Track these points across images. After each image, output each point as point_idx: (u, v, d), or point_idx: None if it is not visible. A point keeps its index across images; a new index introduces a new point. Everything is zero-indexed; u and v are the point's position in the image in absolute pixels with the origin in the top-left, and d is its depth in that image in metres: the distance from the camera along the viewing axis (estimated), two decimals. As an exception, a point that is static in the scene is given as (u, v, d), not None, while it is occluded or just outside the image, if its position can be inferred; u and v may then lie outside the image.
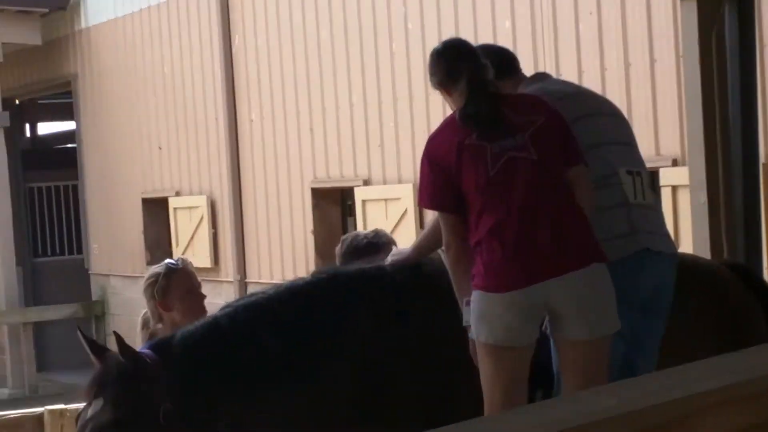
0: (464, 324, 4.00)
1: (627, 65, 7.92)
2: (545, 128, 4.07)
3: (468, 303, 3.95)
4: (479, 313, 3.92)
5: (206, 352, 4.14)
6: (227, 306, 4.44)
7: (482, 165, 3.97)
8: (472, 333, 3.93)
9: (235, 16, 11.43)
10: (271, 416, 4.26)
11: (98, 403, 4.01)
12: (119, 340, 3.98)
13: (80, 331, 4.31)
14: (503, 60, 4.53)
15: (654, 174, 6.67)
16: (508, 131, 4.03)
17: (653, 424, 1.17)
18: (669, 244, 4.47)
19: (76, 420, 4.20)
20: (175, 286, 4.84)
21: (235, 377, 4.18)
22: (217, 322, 4.25)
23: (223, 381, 4.16)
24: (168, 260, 5.24)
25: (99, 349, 4.10)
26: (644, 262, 4.32)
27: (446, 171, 4.06)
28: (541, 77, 4.68)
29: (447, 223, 4.12)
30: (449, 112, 9.02)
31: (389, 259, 4.52)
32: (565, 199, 4.10)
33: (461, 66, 4.08)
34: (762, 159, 6.67)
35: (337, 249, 5.17)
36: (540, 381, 3.75)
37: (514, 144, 4.03)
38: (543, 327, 3.99)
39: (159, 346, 4.17)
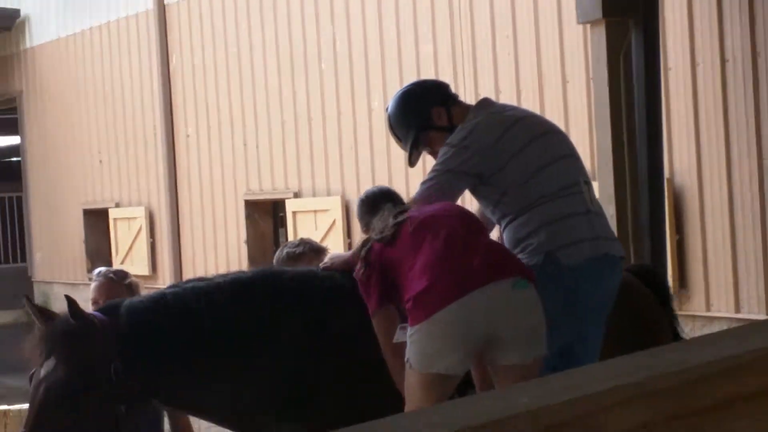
0: (395, 341, 4.07)
1: (541, 86, 8.10)
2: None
3: (403, 328, 3.96)
4: (416, 340, 3.92)
5: (150, 319, 4.27)
6: (175, 285, 4.64)
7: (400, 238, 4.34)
8: (408, 349, 3.95)
9: (172, 36, 11.60)
10: (200, 395, 4.40)
11: (50, 363, 4.09)
12: (70, 302, 4.09)
13: (27, 298, 4.50)
14: (445, 92, 4.73)
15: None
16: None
17: (559, 420, 1.18)
18: (620, 248, 4.62)
19: (30, 380, 4.27)
20: (112, 290, 5.09)
21: (173, 347, 4.28)
22: (163, 295, 4.40)
23: (162, 349, 4.27)
24: (105, 268, 5.56)
25: (47, 314, 4.17)
26: (605, 266, 4.44)
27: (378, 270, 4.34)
28: (486, 104, 4.79)
29: (383, 319, 4.23)
30: (376, 129, 9.28)
31: (327, 260, 4.75)
32: (484, 232, 4.39)
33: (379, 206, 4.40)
34: (666, 174, 6.94)
35: (277, 255, 5.38)
36: None
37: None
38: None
39: (107, 310, 4.29)
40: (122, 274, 5.52)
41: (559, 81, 8.02)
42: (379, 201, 4.45)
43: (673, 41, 7.35)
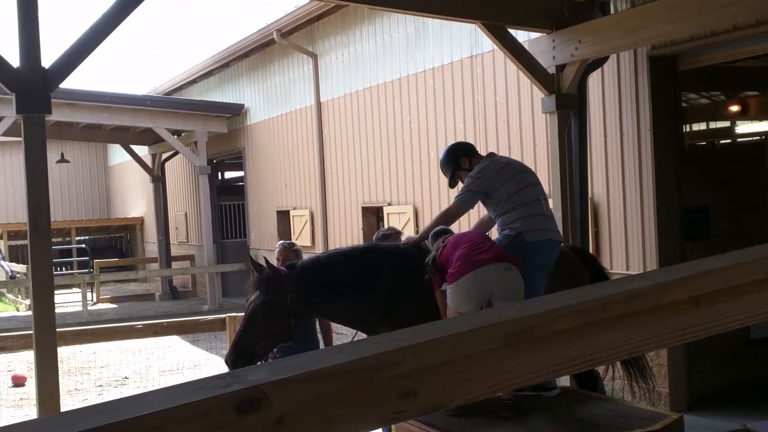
0: (442, 288, 4.89)
1: (522, 146, 9.26)
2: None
3: (446, 286, 4.82)
4: (450, 293, 4.75)
5: (311, 271, 5.05)
6: (325, 252, 5.38)
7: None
8: (447, 298, 4.76)
9: (325, 119, 14.14)
10: (337, 311, 5.29)
11: (256, 294, 4.94)
12: (267, 262, 4.97)
13: (251, 258, 5.54)
14: (470, 149, 5.74)
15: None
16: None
17: (522, 326, 1.28)
18: (560, 236, 5.55)
19: (246, 302, 5.08)
20: (290, 255, 6.15)
21: (324, 286, 5.04)
22: (318, 258, 5.19)
23: (318, 287, 5.01)
24: (286, 241, 6.60)
25: (259, 267, 4.97)
26: (551, 245, 5.37)
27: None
28: (490, 155, 5.68)
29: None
30: (433, 168, 10.38)
31: (404, 239, 5.84)
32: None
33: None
34: (589, 194, 7.98)
35: (375, 234, 6.37)
36: None
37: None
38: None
39: (289, 266, 5.08)
40: (292, 245, 6.42)
41: (531, 143, 9.15)
42: (438, 234, 5.26)
43: (594, 123, 8.19)
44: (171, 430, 1.04)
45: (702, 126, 10.01)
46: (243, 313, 5.13)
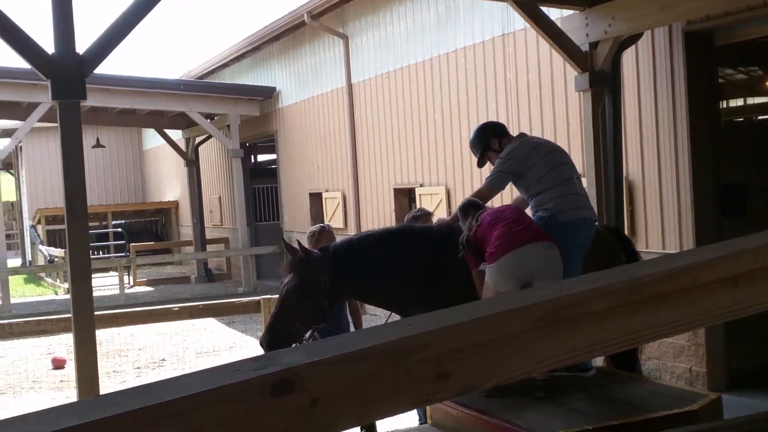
0: (480, 268, 4.90)
1: (555, 125, 9.23)
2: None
3: (484, 266, 4.85)
4: (490, 272, 4.77)
5: (344, 253, 5.07)
6: (358, 234, 5.46)
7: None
8: (486, 277, 4.79)
9: (356, 101, 14.24)
10: (371, 293, 5.33)
11: (290, 276, 4.99)
12: (300, 245, 5.03)
13: (284, 241, 5.80)
14: (500, 129, 5.76)
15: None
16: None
17: (555, 307, 1.28)
18: (594, 215, 5.57)
19: (280, 284, 5.08)
20: (322, 238, 6.05)
21: (357, 268, 5.07)
22: (351, 240, 5.23)
23: (351, 269, 5.05)
24: (320, 224, 6.46)
25: (292, 250, 5.00)
26: (586, 224, 5.35)
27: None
28: (520, 136, 5.69)
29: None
30: (465, 149, 10.03)
31: (435, 221, 5.92)
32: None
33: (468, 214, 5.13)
34: (624, 174, 7.85)
35: (406, 216, 6.41)
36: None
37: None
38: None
39: (322, 249, 5.13)
40: (325, 226, 6.47)
41: (564, 122, 9.14)
42: (467, 209, 5.22)
43: (628, 101, 8.12)
44: (207, 412, 1.05)
45: (739, 102, 9.88)
46: (277, 296, 5.18)
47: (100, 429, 0.99)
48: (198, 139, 21.28)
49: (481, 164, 5.77)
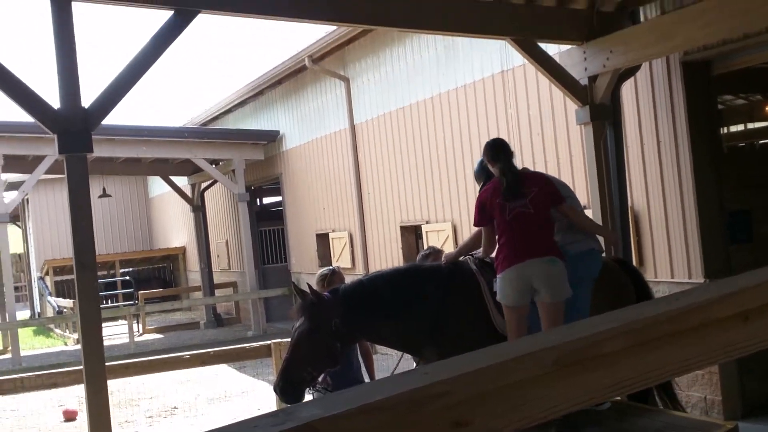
0: (494, 290, 5.03)
1: (558, 159, 9.22)
2: (539, 193, 5.12)
3: (495, 281, 4.99)
4: (498, 286, 4.90)
5: (355, 295, 5.09)
6: (367, 275, 5.38)
7: (503, 213, 5.10)
8: (498, 296, 4.94)
9: (360, 142, 14.19)
10: (383, 333, 5.28)
11: (301, 320, 4.98)
12: (310, 288, 5.01)
13: (293, 284, 5.49)
14: (508, 148, 5.65)
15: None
16: (519, 196, 5.09)
17: (569, 350, 1.29)
18: (600, 246, 5.64)
19: (292, 328, 5.09)
20: (334, 281, 5.96)
21: (369, 309, 5.08)
22: (361, 281, 5.24)
23: (362, 311, 5.06)
24: (330, 267, 6.35)
25: (302, 293, 5.01)
26: (593, 255, 5.43)
27: (486, 209, 5.15)
28: (523, 171, 5.62)
29: (485, 232, 5.16)
30: (469, 185, 10.32)
31: (443, 257, 5.67)
32: (546, 229, 5.14)
33: (500, 155, 5.20)
34: (629, 203, 7.89)
35: (418, 256, 6.43)
36: None
37: (521, 204, 5.09)
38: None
39: (332, 291, 5.14)
40: (335, 269, 6.31)
41: (567, 155, 9.12)
42: (497, 149, 5.31)
43: (630, 132, 8.14)
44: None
45: (740, 127, 9.93)
46: (288, 339, 5.20)
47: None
48: (203, 185, 21.40)
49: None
